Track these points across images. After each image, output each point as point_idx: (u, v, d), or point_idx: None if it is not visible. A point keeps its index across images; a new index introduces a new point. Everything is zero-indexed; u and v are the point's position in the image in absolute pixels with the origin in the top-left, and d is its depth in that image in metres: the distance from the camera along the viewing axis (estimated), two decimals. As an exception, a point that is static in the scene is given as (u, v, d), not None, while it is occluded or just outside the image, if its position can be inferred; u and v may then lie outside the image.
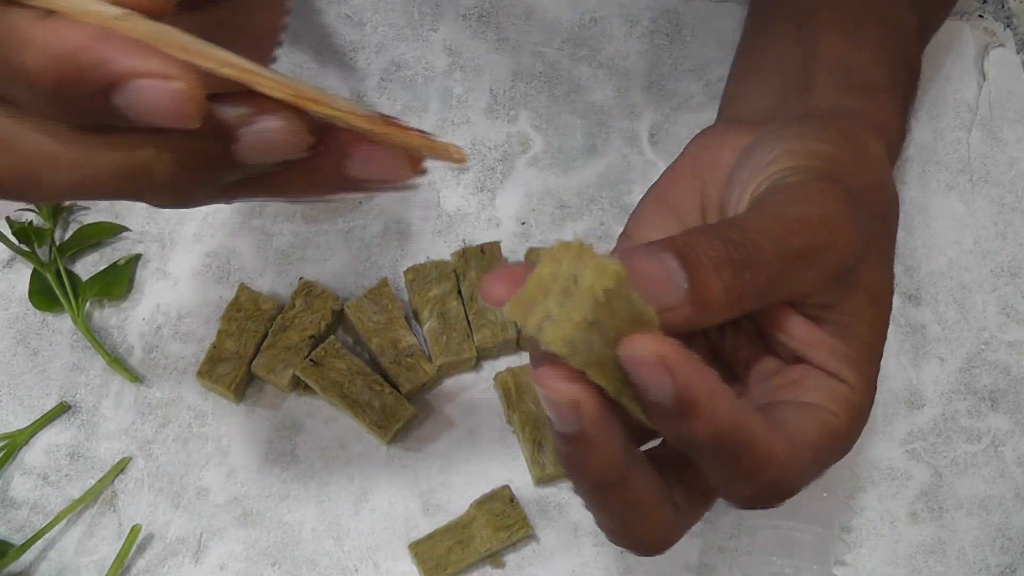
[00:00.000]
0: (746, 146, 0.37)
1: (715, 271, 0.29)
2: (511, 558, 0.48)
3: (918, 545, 0.48)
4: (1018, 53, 0.61)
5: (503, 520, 0.47)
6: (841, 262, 0.32)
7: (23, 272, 0.53)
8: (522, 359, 0.52)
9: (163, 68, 0.22)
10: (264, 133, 0.24)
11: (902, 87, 0.43)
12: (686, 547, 0.48)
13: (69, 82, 0.22)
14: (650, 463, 0.31)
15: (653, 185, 0.39)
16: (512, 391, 0.49)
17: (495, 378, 0.50)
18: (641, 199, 0.39)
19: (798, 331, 0.33)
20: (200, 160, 0.25)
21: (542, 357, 0.28)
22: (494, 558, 0.47)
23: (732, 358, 0.35)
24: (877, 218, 0.34)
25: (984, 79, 0.60)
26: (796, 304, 0.33)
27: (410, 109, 0.58)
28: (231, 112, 0.25)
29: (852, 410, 0.32)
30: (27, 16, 0.22)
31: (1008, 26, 0.62)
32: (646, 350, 0.26)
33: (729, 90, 0.46)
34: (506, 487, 0.48)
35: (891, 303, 0.35)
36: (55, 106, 0.23)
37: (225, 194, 0.27)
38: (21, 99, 0.23)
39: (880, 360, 0.34)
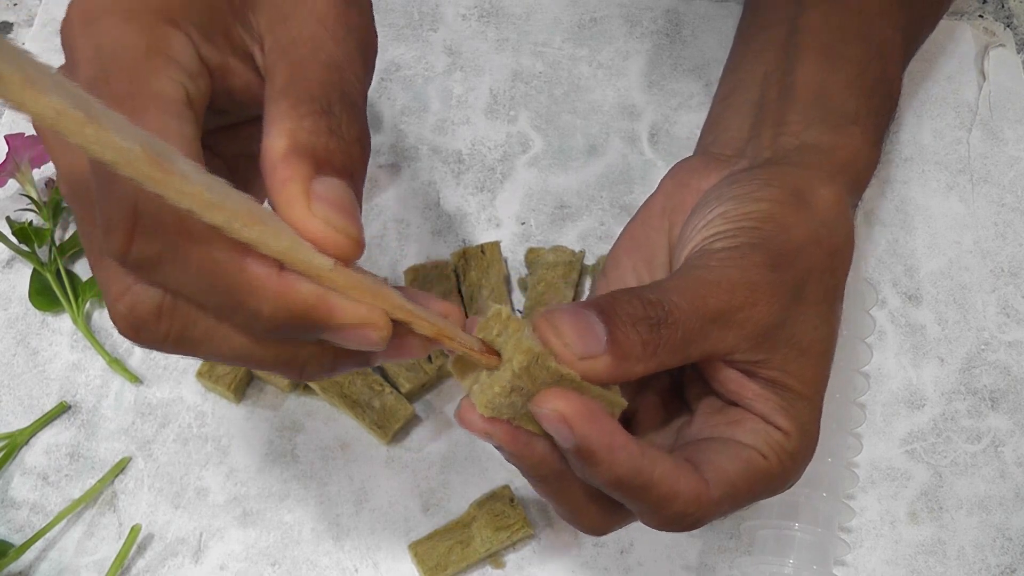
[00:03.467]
0: (704, 196, 0.40)
1: (632, 327, 0.32)
2: (511, 558, 0.48)
3: (918, 545, 0.48)
4: (1018, 53, 0.61)
5: (503, 520, 0.47)
6: (761, 322, 0.34)
7: (23, 272, 0.53)
8: (522, 359, 0.52)
9: (369, 319, 0.28)
10: (399, 351, 0.30)
11: (876, 113, 0.44)
12: (686, 547, 0.48)
13: (294, 326, 0.27)
14: None
15: (629, 223, 0.42)
16: (512, 391, 0.49)
17: (495, 378, 0.50)
18: (618, 237, 0.42)
19: (731, 384, 0.35)
20: (344, 359, 0.30)
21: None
22: (494, 558, 0.47)
23: (687, 394, 0.39)
24: (809, 272, 0.36)
25: (984, 79, 0.60)
26: (726, 360, 0.35)
27: (410, 109, 0.58)
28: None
29: (784, 454, 0.35)
30: (264, 268, 0.26)
31: (1008, 26, 0.62)
32: (548, 406, 0.31)
33: (711, 115, 0.48)
34: (506, 487, 0.48)
35: (828, 352, 0.37)
36: (267, 332, 0.28)
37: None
38: (237, 323, 0.28)
39: (818, 406, 0.36)
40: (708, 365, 0.36)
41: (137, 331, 0.28)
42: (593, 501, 0.35)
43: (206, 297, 0.27)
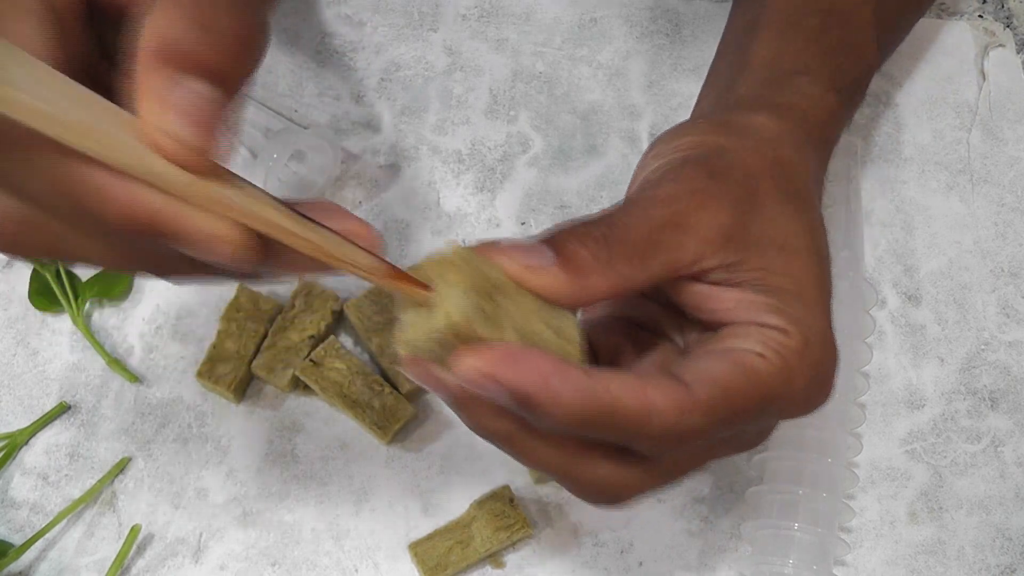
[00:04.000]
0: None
1: (579, 242, 0.31)
2: (511, 558, 0.48)
3: (918, 545, 0.48)
4: (1018, 53, 0.61)
5: (503, 520, 0.47)
6: (716, 223, 0.33)
7: (23, 272, 0.53)
8: (522, 359, 0.52)
9: (219, 232, 0.26)
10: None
11: (834, 67, 0.44)
12: (686, 547, 0.48)
13: (141, 232, 0.26)
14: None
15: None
16: (512, 391, 0.49)
17: (495, 378, 0.50)
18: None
19: (707, 300, 0.34)
20: (204, 270, 0.29)
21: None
22: (494, 558, 0.47)
23: (670, 332, 0.37)
24: (756, 176, 0.35)
25: (984, 79, 0.60)
26: (698, 276, 0.33)
27: (410, 109, 0.58)
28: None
29: (786, 351, 0.32)
30: (109, 176, 0.25)
31: (1008, 26, 0.62)
32: (468, 367, 0.29)
33: (692, 113, 0.48)
34: (506, 487, 0.48)
35: (813, 249, 0.35)
36: (113, 236, 0.27)
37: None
38: (89, 231, 0.28)
39: (820, 305, 0.34)
40: (680, 291, 0.34)
41: (9, 244, 0.28)
42: (589, 461, 0.32)
43: (57, 206, 0.27)
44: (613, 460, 0.32)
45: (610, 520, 0.48)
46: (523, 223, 0.55)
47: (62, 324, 0.52)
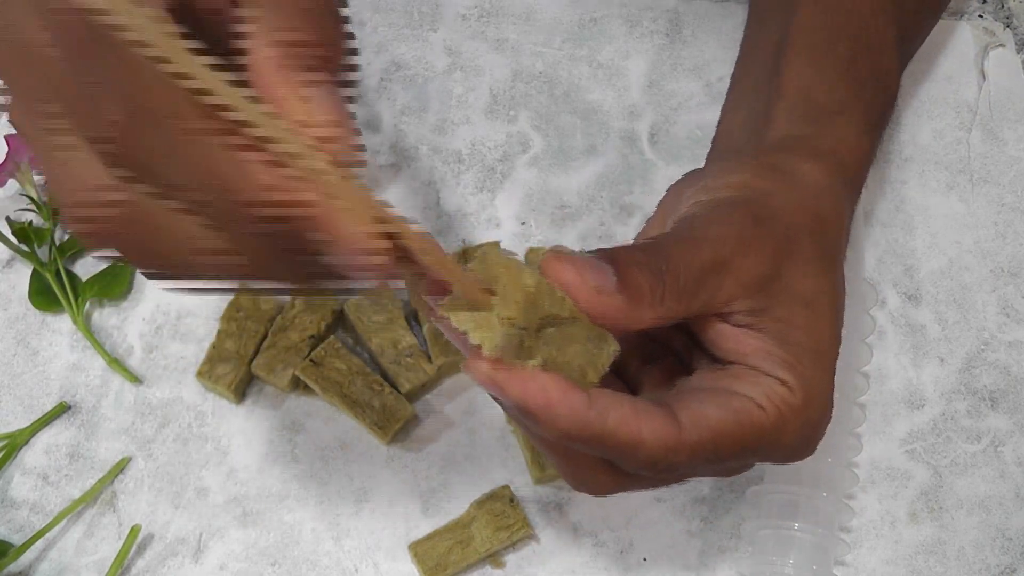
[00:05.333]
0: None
1: (639, 270, 0.32)
2: (511, 558, 0.48)
3: (918, 545, 0.48)
4: (1018, 53, 0.61)
5: (503, 520, 0.47)
6: (754, 271, 0.34)
7: (23, 272, 0.53)
8: (522, 359, 0.52)
9: (372, 238, 0.25)
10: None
11: (866, 104, 0.45)
12: (686, 547, 0.48)
13: (293, 233, 0.25)
14: None
15: (640, 233, 0.42)
16: (512, 391, 0.49)
17: (495, 378, 0.50)
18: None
19: (729, 341, 0.35)
20: (320, 277, 0.28)
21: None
22: (494, 558, 0.47)
23: (687, 360, 0.38)
24: (796, 231, 0.36)
25: (984, 79, 0.60)
26: (725, 316, 0.35)
27: (410, 109, 0.58)
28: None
29: (784, 406, 0.34)
30: (268, 169, 0.24)
31: (1008, 26, 0.62)
32: (479, 371, 0.31)
33: (717, 128, 0.48)
34: (506, 487, 0.48)
35: (835, 309, 0.36)
36: (247, 230, 0.25)
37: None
38: (228, 226, 0.25)
39: (829, 367, 0.36)
40: (704, 327, 0.35)
41: (99, 235, 0.26)
42: (597, 463, 0.35)
43: (200, 198, 0.25)
44: (601, 466, 0.35)
45: (610, 520, 0.48)
46: (523, 223, 0.55)
47: (62, 324, 0.52)
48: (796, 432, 0.35)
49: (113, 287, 0.52)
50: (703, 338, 0.36)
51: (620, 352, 0.33)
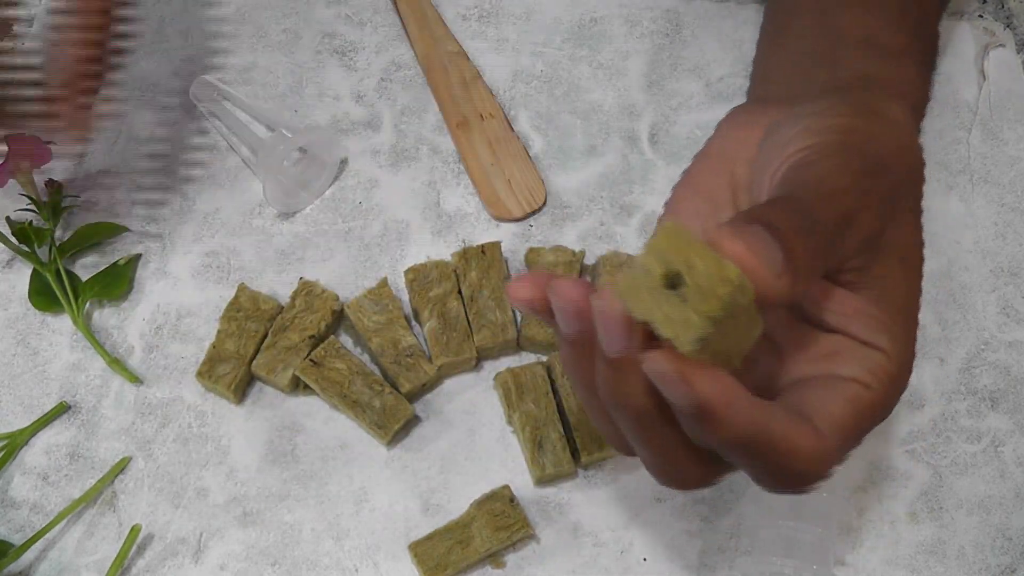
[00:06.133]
0: (773, 124, 0.38)
1: (797, 238, 0.30)
2: (511, 558, 0.48)
3: (918, 545, 0.48)
4: (1018, 53, 0.61)
5: (503, 520, 0.47)
6: (869, 227, 0.33)
7: (23, 272, 0.53)
8: (522, 359, 0.52)
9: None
10: None
11: (922, 50, 0.44)
12: (686, 547, 0.48)
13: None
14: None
15: (685, 171, 0.40)
16: (512, 391, 0.49)
17: (495, 378, 0.50)
18: (675, 187, 0.40)
19: (836, 302, 0.34)
20: None
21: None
22: (494, 558, 0.47)
23: (769, 326, 0.36)
24: (900, 180, 0.35)
25: (984, 79, 0.60)
26: (828, 274, 0.34)
27: (410, 109, 0.58)
28: None
29: (887, 378, 0.34)
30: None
31: (1008, 26, 0.62)
32: (667, 365, 0.28)
33: (757, 72, 0.47)
34: (506, 487, 0.48)
35: (922, 260, 0.36)
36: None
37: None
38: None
39: (916, 320, 0.35)
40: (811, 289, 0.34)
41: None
42: (691, 449, 0.33)
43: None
44: (705, 463, 0.34)
45: (610, 520, 0.48)
46: (524, 223, 0.55)
47: (62, 324, 0.52)
48: (895, 398, 0.34)
49: (113, 287, 0.52)
50: (807, 300, 0.34)
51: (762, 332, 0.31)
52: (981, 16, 0.62)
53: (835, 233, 0.32)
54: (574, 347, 0.33)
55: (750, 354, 0.31)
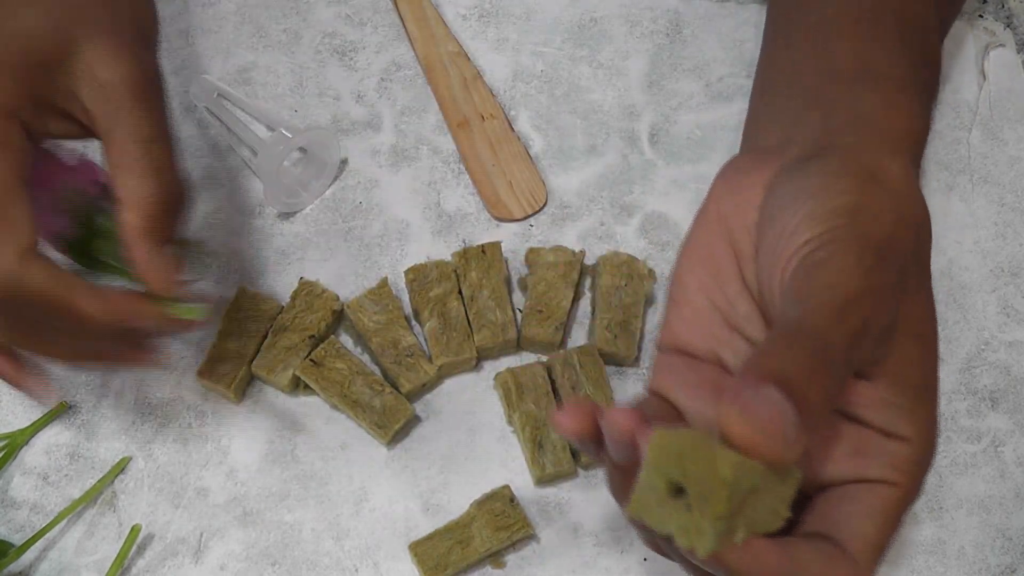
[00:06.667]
0: (767, 182, 0.37)
1: (810, 383, 0.30)
2: (511, 558, 0.48)
3: (918, 545, 0.48)
4: (1018, 53, 0.61)
5: (503, 520, 0.47)
6: (885, 322, 0.33)
7: (23, 272, 0.53)
8: (522, 359, 0.52)
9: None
10: None
11: (923, 81, 0.43)
12: (686, 547, 0.48)
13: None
14: None
15: (685, 240, 0.40)
16: (512, 391, 0.49)
17: (495, 378, 0.50)
18: (677, 257, 0.40)
19: (854, 394, 0.34)
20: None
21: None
22: (494, 558, 0.47)
23: None
24: (907, 255, 0.35)
25: (984, 79, 0.60)
26: None
27: (410, 109, 0.58)
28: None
29: (913, 467, 0.34)
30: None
31: (1008, 26, 0.62)
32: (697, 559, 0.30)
33: (751, 111, 0.47)
34: (506, 487, 0.48)
35: (936, 330, 0.35)
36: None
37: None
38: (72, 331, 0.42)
39: (936, 392, 0.35)
40: None
41: None
42: None
43: (63, 332, 0.42)
44: None
45: (610, 520, 0.48)
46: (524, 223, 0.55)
47: (62, 324, 0.52)
48: (921, 482, 0.34)
49: (113, 287, 0.52)
50: None
51: (803, 477, 0.31)
52: (981, 16, 0.62)
53: (851, 353, 0.32)
54: (627, 475, 0.33)
55: None
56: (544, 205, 0.55)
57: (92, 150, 0.44)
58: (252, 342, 0.50)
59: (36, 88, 0.41)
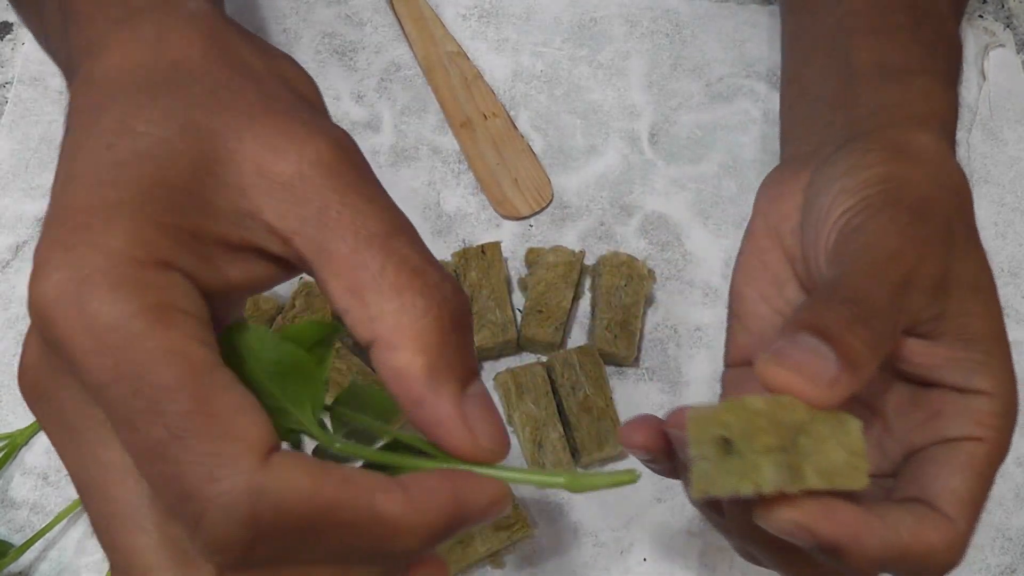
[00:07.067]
0: (805, 185, 0.38)
1: (850, 332, 0.30)
2: (511, 558, 0.48)
3: (918, 545, 0.48)
4: (1018, 53, 0.61)
5: (503, 520, 0.47)
6: (934, 275, 0.33)
7: (23, 272, 0.53)
8: (522, 359, 0.52)
9: (501, 491, 0.31)
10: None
11: (943, 63, 0.44)
12: (686, 547, 0.48)
13: (441, 538, 0.27)
14: None
15: (738, 260, 0.40)
16: (512, 391, 0.49)
17: (495, 378, 0.50)
18: (733, 274, 0.40)
19: (919, 356, 0.34)
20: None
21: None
22: (494, 558, 0.47)
23: (866, 393, 0.36)
24: (949, 213, 0.35)
25: (984, 79, 0.60)
26: (909, 329, 0.33)
27: (410, 109, 0.58)
28: None
29: (996, 419, 0.33)
30: (391, 498, 0.26)
31: (1008, 26, 0.62)
32: (785, 519, 0.29)
33: (782, 127, 0.48)
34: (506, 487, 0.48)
35: (993, 280, 0.35)
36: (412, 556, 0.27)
37: None
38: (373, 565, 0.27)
39: (1007, 341, 0.35)
40: (895, 349, 0.34)
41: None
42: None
43: (343, 558, 0.26)
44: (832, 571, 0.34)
45: (610, 520, 0.48)
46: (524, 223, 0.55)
47: (62, 324, 0.52)
48: (1010, 432, 0.34)
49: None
50: (895, 356, 0.34)
51: (862, 423, 0.31)
52: (981, 16, 0.62)
53: (895, 305, 0.32)
54: None
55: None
56: (551, 201, 0.55)
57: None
58: (252, 342, 0.50)
59: (188, 222, 0.26)
